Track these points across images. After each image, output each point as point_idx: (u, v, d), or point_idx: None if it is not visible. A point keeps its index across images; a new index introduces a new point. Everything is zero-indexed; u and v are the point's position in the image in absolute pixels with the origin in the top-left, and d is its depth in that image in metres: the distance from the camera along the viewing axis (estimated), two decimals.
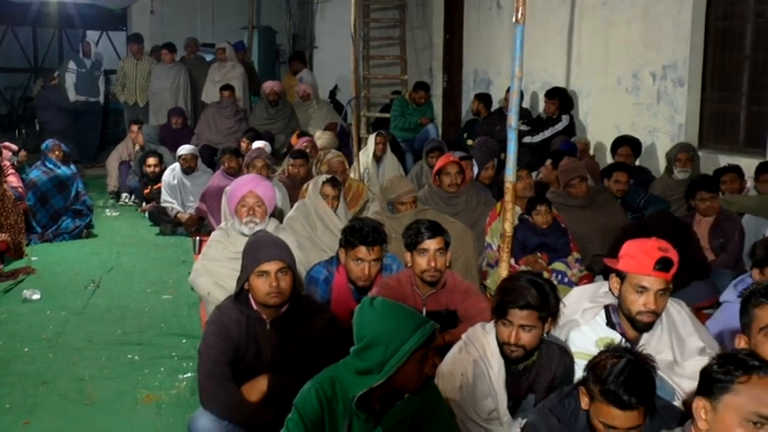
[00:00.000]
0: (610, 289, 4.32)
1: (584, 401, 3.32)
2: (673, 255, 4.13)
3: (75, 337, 6.55)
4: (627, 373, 3.18)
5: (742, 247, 7.22)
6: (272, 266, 4.31)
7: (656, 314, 4.14)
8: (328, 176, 7.33)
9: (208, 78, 14.82)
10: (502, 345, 3.97)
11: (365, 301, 3.58)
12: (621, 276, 4.20)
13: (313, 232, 6.78)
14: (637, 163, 9.73)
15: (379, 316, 3.47)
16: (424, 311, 4.93)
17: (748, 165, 8.43)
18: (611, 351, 3.35)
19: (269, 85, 13.75)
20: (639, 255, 4.13)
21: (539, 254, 7.08)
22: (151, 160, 11.48)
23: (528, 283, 3.97)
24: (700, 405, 2.78)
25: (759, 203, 7.70)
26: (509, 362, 4.00)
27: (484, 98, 12.79)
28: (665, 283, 4.11)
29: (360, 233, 5.15)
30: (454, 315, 4.99)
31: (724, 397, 2.71)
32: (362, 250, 5.11)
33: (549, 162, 9.20)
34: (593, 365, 3.30)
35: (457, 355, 4.11)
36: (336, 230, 6.57)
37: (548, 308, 3.94)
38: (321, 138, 10.86)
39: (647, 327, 4.16)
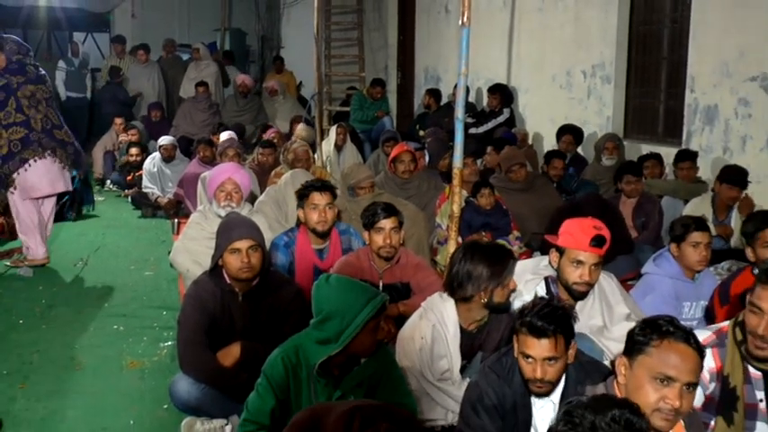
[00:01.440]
0: (549, 263, 4.35)
1: (515, 348, 3.33)
2: (606, 233, 4.17)
3: (66, 310, 6.51)
4: (541, 307, 3.24)
5: (661, 225, 7.30)
6: (243, 244, 4.31)
7: (590, 285, 4.18)
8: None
9: (185, 76, 14.83)
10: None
11: (322, 279, 3.60)
12: (560, 251, 4.23)
13: (281, 215, 6.77)
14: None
15: (335, 291, 3.50)
16: (381, 284, 4.93)
17: (667, 153, 8.53)
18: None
19: (240, 78, 13.88)
20: (577, 232, 4.17)
21: (483, 232, 7.11)
22: (133, 150, 11.45)
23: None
24: (621, 363, 2.81)
25: (676, 187, 7.79)
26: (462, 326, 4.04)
27: (434, 93, 12.81)
28: (599, 257, 4.15)
29: (310, 184, 5.36)
30: (407, 287, 5.00)
31: (640, 357, 2.73)
32: (316, 195, 5.26)
33: (491, 149, 9.22)
34: (520, 311, 3.33)
35: (417, 321, 4.11)
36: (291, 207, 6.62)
37: None
38: (302, 131, 10.83)
39: (582, 296, 4.21)
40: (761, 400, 3.23)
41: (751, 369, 3.25)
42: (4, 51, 7.25)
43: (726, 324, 3.34)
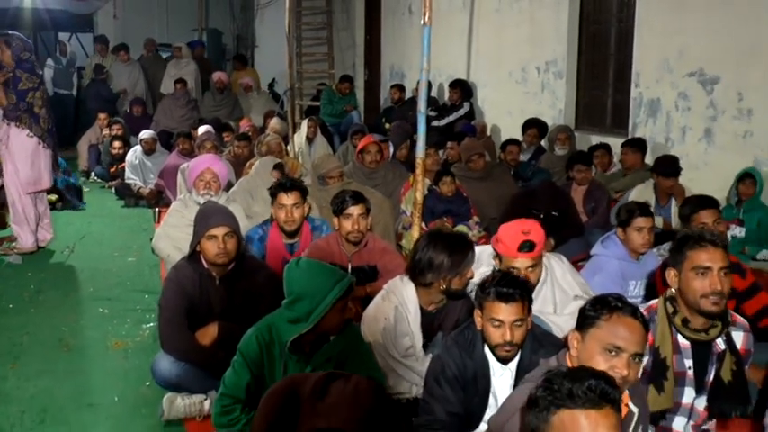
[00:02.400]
0: None
1: (478, 321, 3.34)
2: (536, 236, 4.07)
3: (53, 294, 6.47)
4: (502, 276, 3.31)
5: (609, 210, 7.35)
6: (219, 231, 4.31)
7: (530, 286, 4.14)
8: (277, 162, 7.40)
9: (165, 73, 14.72)
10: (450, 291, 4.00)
11: (293, 262, 3.62)
12: (500, 257, 4.18)
13: (251, 204, 6.74)
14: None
15: (305, 274, 3.52)
16: (350, 267, 4.94)
17: (614, 143, 8.58)
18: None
19: (216, 75, 13.86)
20: (507, 239, 4.09)
21: (445, 218, 7.15)
22: (116, 143, 11.38)
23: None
24: (573, 336, 2.82)
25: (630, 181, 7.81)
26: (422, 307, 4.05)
27: (399, 88, 12.81)
28: (532, 260, 4.07)
29: (278, 184, 5.34)
30: (374, 270, 5.00)
31: (591, 330, 2.75)
32: (282, 196, 5.25)
33: (453, 144, 9.22)
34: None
35: (380, 302, 4.12)
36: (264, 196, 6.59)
37: None
38: (276, 125, 10.79)
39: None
40: (689, 368, 3.26)
41: (680, 339, 3.28)
42: (11, 48, 7.18)
43: (655, 302, 3.36)
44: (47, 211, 7.83)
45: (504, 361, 3.37)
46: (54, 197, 9.34)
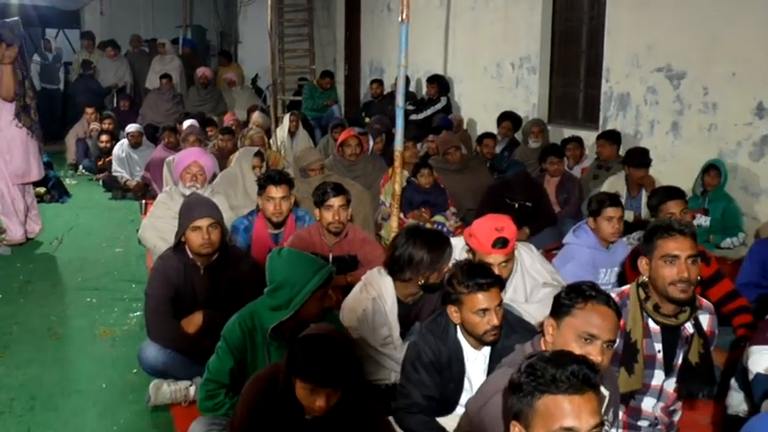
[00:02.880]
0: None
1: (456, 316, 3.34)
2: (509, 233, 4.08)
3: (42, 284, 6.42)
4: (471, 267, 3.31)
5: (581, 200, 7.38)
6: (203, 222, 4.29)
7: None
8: (256, 150, 7.36)
9: (150, 69, 14.63)
10: (426, 285, 4.00)
11: (275, 251, 3.63)
12: (473, 252, 4.17)
13: (232, 196, 6.73)
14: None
15: (286, 263, 3.53)
16: (331, 257, 4.94)
17: (586, 136, 8.65)
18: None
19: (201, 71, 13.82)
20: (481, 236, 4.08)
21: (423, 209, 7.15)
22: (104, 137, 11.31)
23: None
24: (548, 323, 2.82)
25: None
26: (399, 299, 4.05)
27: (378, 83, 12.80)
28: (505, 255, 4.08)
29: (267, 176, 5.30)
30: (355, 259, 5.00)
31: (566, 318, 2.75)
32: (272, 189, 5.20)
33: (432, 137, 9.22)
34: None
35: (358, 294, 4.11)
36: (254, 193, 6.53)
37: None
38: (259, 118, 10.76)
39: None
40: (659, 351, 3.28)
41: (651, 324, 3.29)
42: (4, 39, 7.06)
43: (627, 287, 3.38)
44: (34, 202, 7.76)
45: (478, 346, 3.38)
46: (42, 190, 9.29)
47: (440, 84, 11.28)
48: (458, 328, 3.39)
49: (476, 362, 3.38)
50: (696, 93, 7.46)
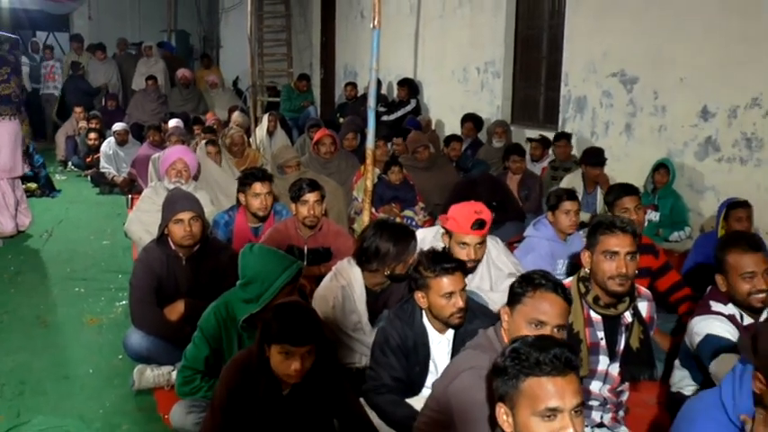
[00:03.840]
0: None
1: (423, 302, 3.34)
2: (486, 216, 4.12)
3: (32, 275, 6.36)
4: (435, 254, 3.33)
5: (541, 196, 7.43)
6: (185, 215, 4.28)
7: (476, 261, 4.17)
8: (208, 139, 7.44)
9: (136, 70, 14.58)
10: (394, 275, 4.01)
11: (247, 247, 3.64)
12: (449, 233, 4.21)
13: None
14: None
15: (257, 259, 3.54)
16: (306, 249, 4.95)
17: (546, 136, 8.68)
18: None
19: (180, 72, 13.78)
20: (460, 218, 4.12)
21: (393, 204, 7.16)
22: (92, 135, 11.26)
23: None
24: (504, 311, 2.82)
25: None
26: (367, 287, 4.06)
27: (352, 86, 12.79)
28: (481, 237, 4.13)
29: (252, 174, 5.27)
30: (328, 251, 5.00)
31: (518, 306, 2.75)
32: (257, 186, 5.19)
33: (399, 140, 9.20)
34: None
35: (328, 283, 4.11)
36: (220, 181, 6.56)
37: None
38: (239, 118, 10.72)
39: (471, 270, 4.17)
40: (601, 339, 3.29)
41: (592, 314, 3.30)
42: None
43: (569, 280, 3.38)
44: (23, 196, 7.67)
45: (442, 330, 3.40)
46: (33, 185, 9.21)
47: (410, 87, 11.29)
48: (423, 313, 3.40)
49: (440, 345, 3.39)
50: (647, 97, 7.53)
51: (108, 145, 10.53)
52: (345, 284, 4.04)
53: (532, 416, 2.06)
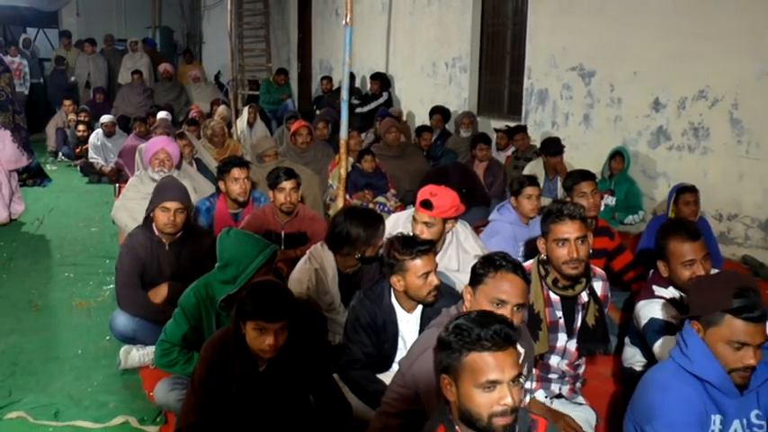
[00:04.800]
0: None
1: (399, 285, 3.31)
2: (438, 200, 4.11)
3: (24, 261, 6.27)
4: (405, 239, 3.32)
5: (505, 183, 7.45)
6: (172, 205, 4.26)
7: (427, 241, 4.11)
8: (179, 131, 7.41)
9: (122, 65, 14.40)
10: (365, 258, 3.98)
11: (224, 231, 3.62)
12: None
13: None
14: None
15: (234, 243, 3.53)
16: (283, 234, 4.92)
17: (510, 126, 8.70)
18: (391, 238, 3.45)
19: (162, 66, 13.65)
20: (418, 195, 4.17)
21: (366, 191, 7.14)
22: (81, 127, 11.12)
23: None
24: (467, 291, 2.83)
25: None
26: (340, 270, 4.05)
27: (328, 80, 12.74)
28: (429, 218, 4.11)
29: (230, 161, 5.24)
30: (304, 236, 4.96)
31: (480, 286, 2.76)
32: (236, 171, 5.16)
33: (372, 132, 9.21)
34: (388, 254, 3.32)
35: (303, 266, 4.09)
36: (191, 174, 6.50)
37: None
38: (224, 111, 10.62)
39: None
40: (560, 318, 3.31)
41: (551, 295, 3.31)
42: None
43: (529, 263, 3.39)
44: (17, 186, 7.57)
45: (410, 309, 3.39)
46: (24, 175, 9.09)
47: (382, 81, 11.28)
48: (392, 294, 3.39)
49: (408, 323, 3.39)
50: (604, 89, 7.58)
51: (96, 136, 10.41)
52: (318, 267, 4.03)
53: (474, 387, 2.08)
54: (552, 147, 7.09)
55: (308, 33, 15.10)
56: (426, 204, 4.09)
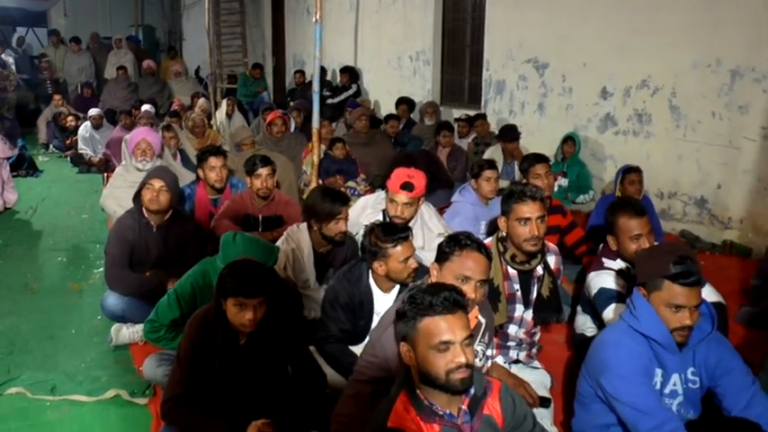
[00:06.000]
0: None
1: (381, 269, 3.30)
2: (416, 181, 4.12)
3: (19, 247, 6.19)
4: (385, 226, 3.32)
5: (466, 167, 7.48)
6: (156, 183, 4.31)
7: (403, 219, 4.11)
8: (165, 124, 7.34)
9: (108, 62, 14.20)
10: (332, 236, 3.94)
11: (228, 237, 3.56)
12: (388, 191, 4.22)
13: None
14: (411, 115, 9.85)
15: (241, 250, 3.44)
16: (260, 217, 4.90)
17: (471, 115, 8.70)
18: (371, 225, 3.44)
19: (146, 63, 13.49)
20: (394, 178, 4.15)
21: (337, 176, 7.14)
22: (69, 119, 11.00)
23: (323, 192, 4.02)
24: (433, 267, 2.84)
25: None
26: (315, 249, 4.04)
27: (301, 73, 12.67)
28: (409, 198, 4.12)
29: (207, 150, 5.23)
30: (280, 219, 4.95)
31: (446, 263, 2.77)
32: (213, 159, 5.14)
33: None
34: (369, 242, 3.32)
35: (281, 246, 4.08)
36: (171, 163, 6.46)
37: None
38: (204, 104, 10.52)
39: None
40: (517, 290, 3.34)
41: (509, 270, 3.33)
42: None
43: (489, 240, 3.40)
44: (9, 176, 7.44)
45: (388, 290, 3.39)
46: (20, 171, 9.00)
47: (351, 73, 11.22)
48: (370, 276, 3.39)
49: (384, 302, 3.37)
50: (556, 79, 7.61)
51: (85, 128, 10.30)
52: (295, 247, 4.03)
53: (429, 349, 2.11)
54: (509, 133, 7.13)
55: (281, 30, 14.97)
56: (407, 186, 4.09)
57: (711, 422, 2.70)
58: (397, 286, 3.38)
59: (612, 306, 3.40)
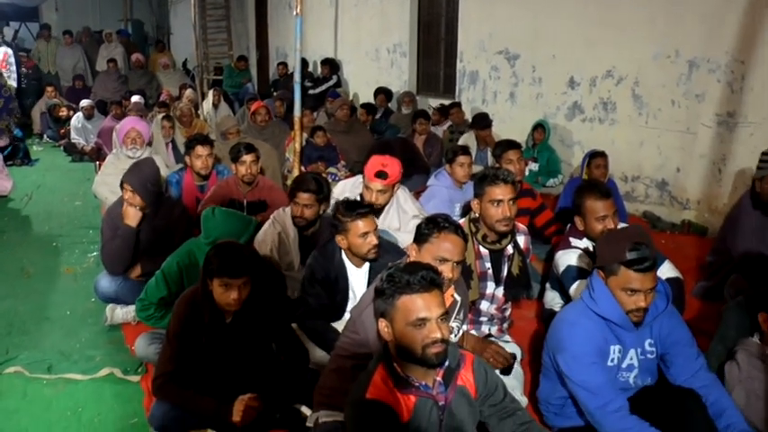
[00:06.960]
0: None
1: (343, 243, 3.31)
2: (390, 169, 4.10)
3: (16, 233, 6.12)
4: (349, 203, 3.33)
5: (442, 153, 7.47)
6: (128, 187, 4.16)
7: (378, 205, 4.12)
8: (163, 113, 7.37)
9: (99, 54, 14.00)
10: (294, 218, 3.97)
11: (208, 212, 3.59)
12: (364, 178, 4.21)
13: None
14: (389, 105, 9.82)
15: (220, 222, 3.52)
16: (245, 202, 4.88)
17: (445, 104, 8.70)
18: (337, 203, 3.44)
19: (135, 56, 13.30)
20: (370, 166, 4.14)
21: (319, 163, 7.10)
22: (63, 110, 10.87)
23: (311, 177, 4.02)
24: (412, 248, 2.84)
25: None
26: (301, 231, 4.03)
27: (283, 65, 12.58)
28: (383, 186, 4.11)
29: (195, 139, 5.21)
30: (264, 203, 4.92)
31: (425, 245, 2.76)
32: (199, 148, 5.12)
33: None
34: (334, 216, 3.31)
35: (268, 229, 4.07)
36: (162, 151, 6.40)
37: (322, 193, 3.97)
38: (191, 95, 10.38)
39: (379, 210, 4.17)
40: (488, 268, 3.34)
41: (481, 249, 3.33)
42: None
43: (462, 221, 3.40)
44: (2, 164, 7.33)
45: (359, 264, 3.39)
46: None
47: (331, 65, 11.16)
48: (342, 251, 3.39)
49: (357, 277, 3.39)
50: (527, 70, 7.63)
51: (77, 119, 10.20)
52: (281, 230, 4.02)
53: (407, 325, 2.12)
54: (482, 121, 7.13)
55: (264, 24, 14.84)
56: (381, 174, 4.08)
57: (663, 388, 2.76)
58: (368, 262, 3.38)
59: (578, 283, 3.43)
